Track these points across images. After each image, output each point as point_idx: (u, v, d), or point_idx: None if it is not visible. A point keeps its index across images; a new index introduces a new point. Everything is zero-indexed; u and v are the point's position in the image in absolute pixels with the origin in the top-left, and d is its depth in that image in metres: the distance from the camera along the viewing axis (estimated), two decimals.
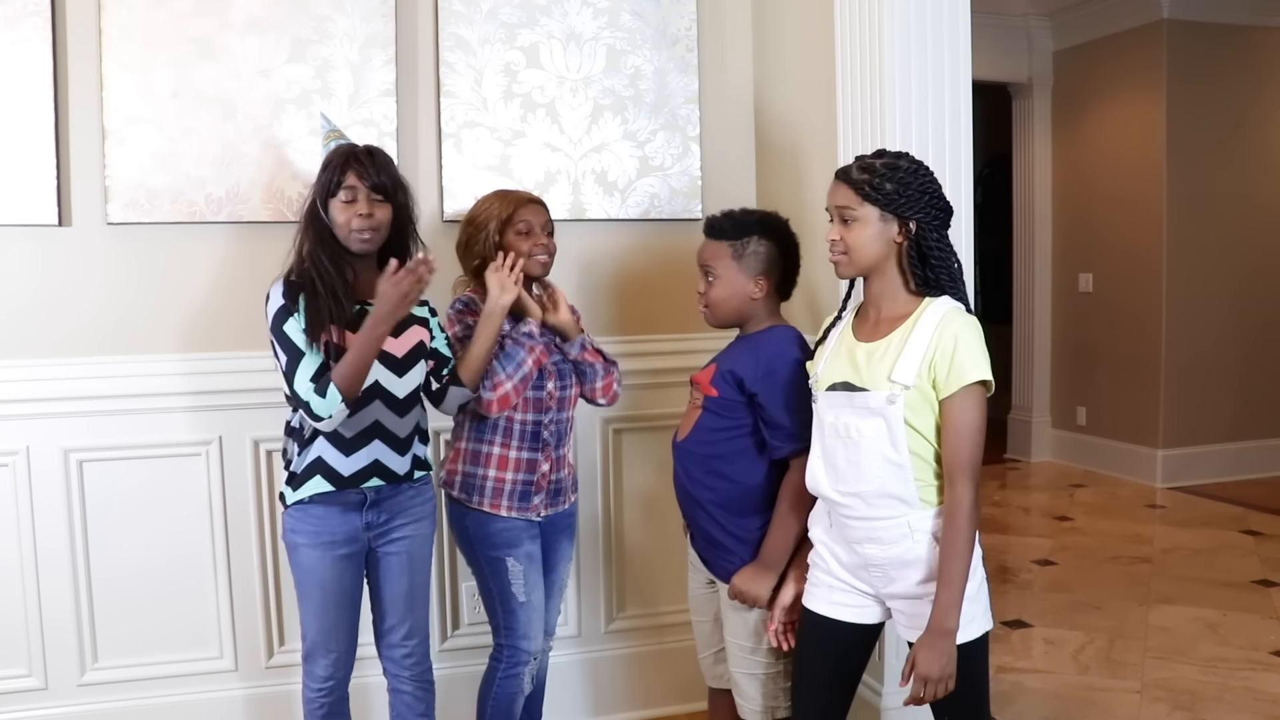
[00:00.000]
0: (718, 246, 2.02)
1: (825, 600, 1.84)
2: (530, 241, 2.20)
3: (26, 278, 2.41)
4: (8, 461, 2.40)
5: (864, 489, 1.73)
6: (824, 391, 1.80)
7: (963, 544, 1.66)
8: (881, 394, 1.70)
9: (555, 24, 2.69)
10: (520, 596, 2.17)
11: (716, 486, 2.01)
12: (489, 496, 2.17)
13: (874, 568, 1.76)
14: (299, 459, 2.00)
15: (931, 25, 2.27)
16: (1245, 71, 5.46)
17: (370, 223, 1.96)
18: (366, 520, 2.03)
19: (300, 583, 2.03)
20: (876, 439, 1.71)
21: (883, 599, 1.80)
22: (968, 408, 1.67)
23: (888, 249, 1.75)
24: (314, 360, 1.90)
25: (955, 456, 1.67)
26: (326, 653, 2.04)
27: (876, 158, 1.77)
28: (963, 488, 1.67)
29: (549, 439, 2.22)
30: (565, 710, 2.73)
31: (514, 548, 2.17)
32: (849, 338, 1.82)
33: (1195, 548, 4.33)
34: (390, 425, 2.01)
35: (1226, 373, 5.54)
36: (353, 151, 1.98)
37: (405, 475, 2.06)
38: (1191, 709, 2.79)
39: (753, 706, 2.03)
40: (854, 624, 1.82)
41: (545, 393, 2.20)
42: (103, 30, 2.38)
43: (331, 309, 1.92)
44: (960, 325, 1.68)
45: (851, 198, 1.75)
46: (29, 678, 2.45)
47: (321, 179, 1.98)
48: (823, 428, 1.80)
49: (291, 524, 2.02)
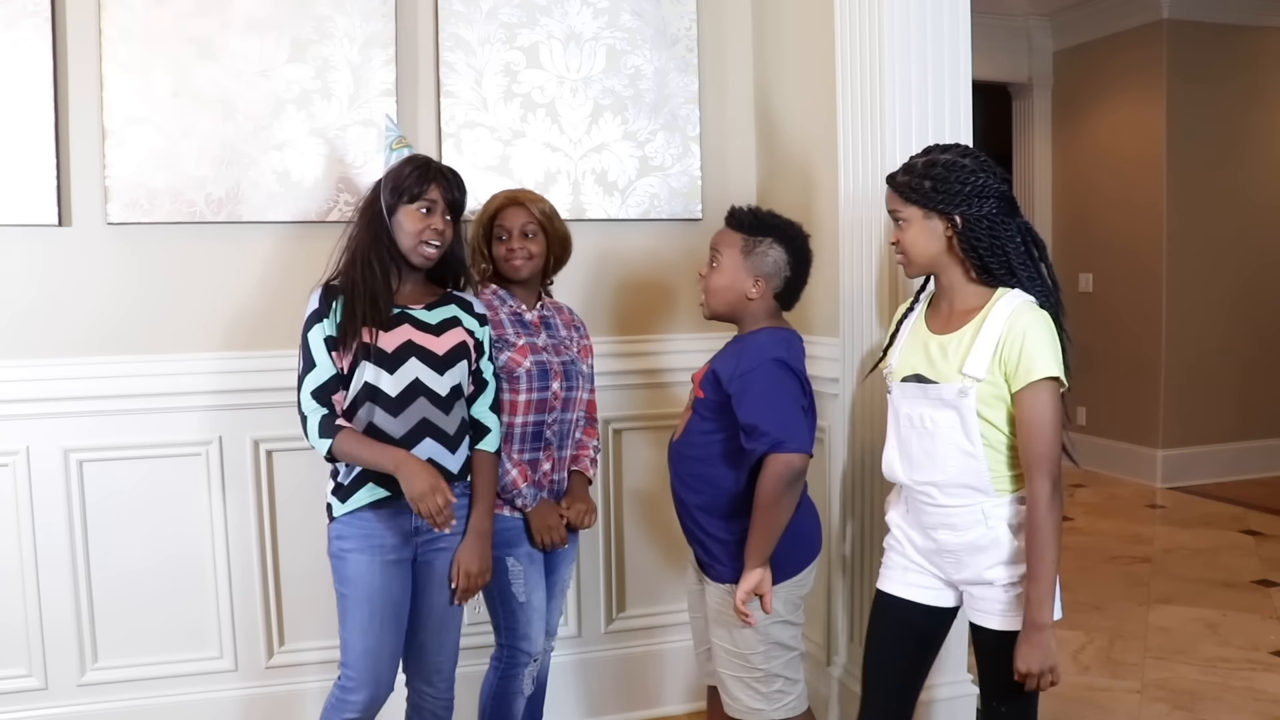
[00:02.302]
0: (731, 236, 2.02)
1: (900, 581, 1.87)
2: (505, 246, 2.22)
3: (27, 278, 2.40)
4: (8, 461, 2.40)
5: (939, 478, 1.76)
6: (898, 383, 1.83)
7: (1045, 539, 1.67)
8: (954, 386, 1.72)
9: (555, 24, 2.69)
10: (520, 597, 2.17)
11: (701, 490, 2.01)
12: None
13: (947, 553, 1.79)
14: (347, 469, 1.96)
15: (931, 25, 2.27)
16: (1245, 71, 5.46)
17: (442, 238, 1.98)
18: (416, 525, 1.98)
19: (346, 596, 1.94)
20: (950, 430, 1.73)
21: (955, 584, 1.82)
22: (1039, 403, 1.68)
23: (940, 245, 1.77)
24: (323, 374, 1.91)
25: (1029, 451, 1.69)
26: (367, 684, 1.93)
27: (922, 156, 1.79)
28: (1040, 483, 1.67)
29: (551, 439, 2.22)
30: (565, 710, 2.73)
31: (514, 547, 2.17)
32: (922, 330, 1.84)
33: (1195, 548, 4.34)
34: (438, 422, 1.97)
35: (1226, 373, 5.54)
36: (438, 166, 2.01)
37: (459, 474, 2.01)
38: (1191, 709, 2.79)
39: (739, 707, 2.02)
40: (927, 605, 1.85)
41: (550, 393, 2.20)
42: (103, 30, 2.38)
43: (367, 311, 1.92)
44: (1029, 321, 1.69)
45: (897, 200, 1.79)
46: (29, 678, 2.45)
47: (398, 184, 1.97)
48: (898, 418, 1.83)
49: (339, 532, 1.95)
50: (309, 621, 2.59)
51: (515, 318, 2.22)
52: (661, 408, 2.77)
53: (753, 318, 2.02)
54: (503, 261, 2.22)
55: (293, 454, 2.53)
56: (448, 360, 1.99)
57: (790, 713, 2.01)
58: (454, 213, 2.02)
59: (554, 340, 2.25)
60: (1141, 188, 5.49)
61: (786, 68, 2.75)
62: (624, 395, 2.78)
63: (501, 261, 2.22)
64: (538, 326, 2.25)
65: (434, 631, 2.05)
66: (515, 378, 2.15)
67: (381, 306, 1.94)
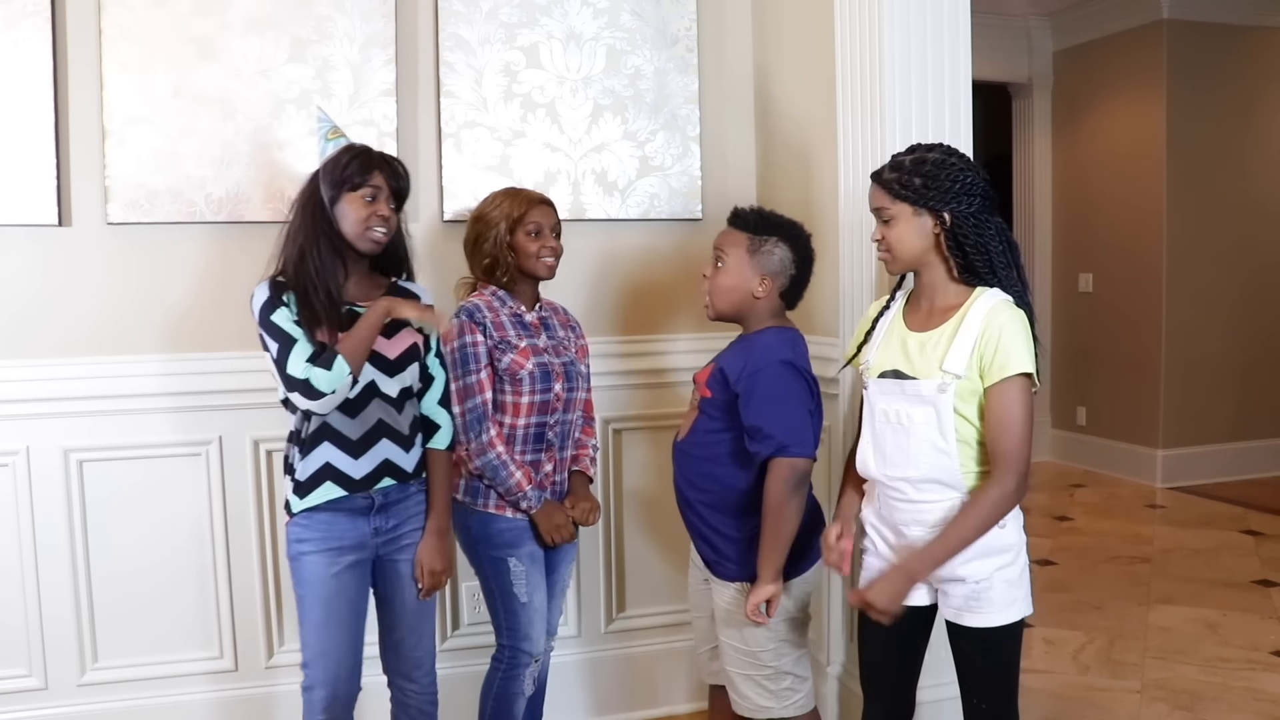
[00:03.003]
0: (736, 235, 2.02)
1: None
2: (539, 243, 2.19)
3: (27, 278, 2.41)
4: (8, 461, 2.40)
5: (911, 474, 1.77)
6: (874, 379, 1.83)
7: (974, 523, 1.69)
8: (933, 382, 1.73)
9: (555, 24, 2.69)
10: (522, 597, 2.17)
11: (709, 489, 2.01)
12: (493, 499, 2.16)
13: None
14: (303, 465, 1.96)
15: (931, 25, 2.27)
16: (1245, 71, 5.46)
17: (388, 224, 1.96)
18: (375, 525, 1.99)
19: (303, 597, 1.95)
20: (925, 426, 1.74)
21: (929, 581, 1.82)
22: (1010, 399, 1.69)
23: (927, 242, 1.77)
24: (308, 346, 1.87)
25: (999, 446, 1.69)
26: (325, 683, 1.94)
27: (908, 154, 1.79)
28: (1007, 479, 1.68)
29: (553, 440, 2.22)
30: (565, 710, 2.73)
31: (516, 548, 2.17)
32: (900, 326, 1.84)
33: (1195, 548, 4.34)
34: (393, 422, 1.99)
35: (1226, 373, 5.54)
36: (381, 154, 1.99)
37: (414, 472, 2.04)
38: (1191, 709, 2.79)
39: (748, 706, 2.02)
40: (905, 606, 1.83)
41: (553, 394, 2.19)
42: (103, 30, 2.38)
43: (325, 307, 1.89)
44: (1006, 317, 1.71)
45: (884, 197, 1.79)
46: (29, 678, 2.45)
47: (337, 173, 1.93)
48: (873, 413, 1.83)
49: (297, 533, 1.95)
50: None
51: (516, 319, 2.21)
52: (661, 408, 2.77)
53: (758, 317, 2.03)
54: (534, 258, 2.19)
55: None
56: (399, 364, 2.00)
57: (798, 711, 2.02)
58: (398, 200, 2.00)
59: (554, 341, 2.25)
60: (1141, 187, 5.49)
61: (786, 68, 2.76)
62: (624, 395, 2.78)
63: (532, 259, 2.19)
64: (538, 328, 2.24)
65: (410, 628, 2.08)
66: (519, 380, 2.15)
67: (337, 300, 1.92)
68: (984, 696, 1.79)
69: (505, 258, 2.19)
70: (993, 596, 1.73)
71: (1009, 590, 1.74)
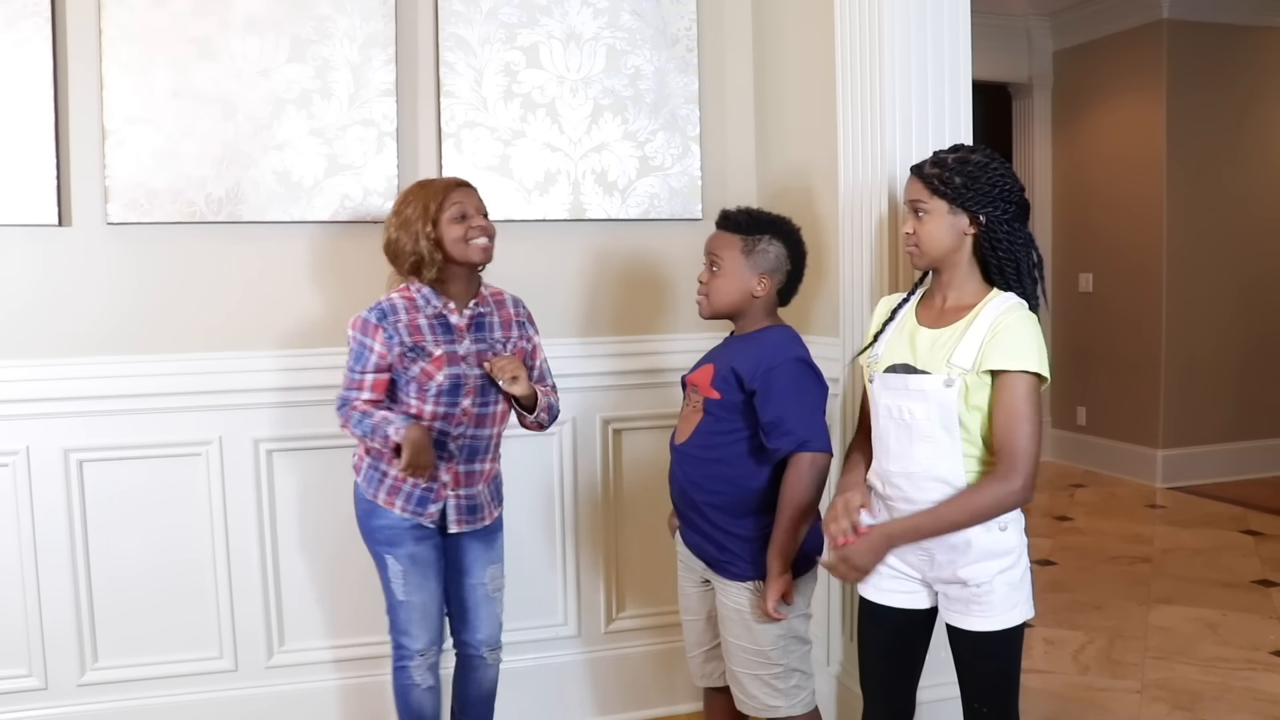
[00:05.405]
0: (729, 238, 2.02)
1: (875, 587, 1.86)
2: (465, 225, 2.08)
3: (26, 278, 2.41)
4: (8, 461, 2.40)
5: (913, 470, 1.76)
6: (881, 373, 1.82)
7: (968, 510, 1.68)
8: (939, 377, 1.72)
9: (555, 24, 2.69)
10: (399, 595, 2.14)
11: (720, 490, 2.00)
12: (384, 492, 2.12)
13: (920, 550, 1.79)
14: None
15: (931, 25, 2.27)
16: (1245, 72, 5.46)
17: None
18: None
19: None
20: (928, 422, 1.73)
21: (929, 583, 1.82)
22: (1018, 394, 1.67)
23: (958, 241, 1.77)
24: None
25: (1002, 442, 1.68)
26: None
27: (951, 152, 1.80)
28: (1005, 473, 1.67)
29: (455, 452, 2.13)
30: (565, 710, 2.74)
31: (394, 547, 2.13)
32: (911, 322, 1.84)
33: (1195, 548, 4.33)
34: None
35: (1226, 373, 5.54)
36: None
37: None
38: (1191, 709, 2.79)
39: (755, 705, 2.02)
40: (905, 609, 1.84)
41: (459, 409, 2.11)
42: (103, 30, 2.38)
43: None
44: (1016, 317, 1.71)
45: (922, 191, 1.78)
46: (29, 678, 2.45)
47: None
48: (877, 408, 1.83)
49: None
50: (309, 621, 2.59)
51: (439, 321, 2.11)
52: (661, 408, 2.76)
53: (755, 316, 2.03)
54: (462, 244, 2.08)
55: (293, 454, 2.54)
56: None
57: (804, 709, 2.02)
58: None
59: (482, 346, 2.14)
60: (1141, 188, 5.49)
61: (786, 68, 2.75)
62: (624, 395, 2.78)
63: (461, 244, 2.08)
64: (463, 331, 2.13)
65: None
66: (425, 389, 2.08)
67: None
68: (985, 700, 1.78)
69: (431, 254, 2.07)
70: (994, 600, 1.73)
71: (1010, 593, 1.73)
